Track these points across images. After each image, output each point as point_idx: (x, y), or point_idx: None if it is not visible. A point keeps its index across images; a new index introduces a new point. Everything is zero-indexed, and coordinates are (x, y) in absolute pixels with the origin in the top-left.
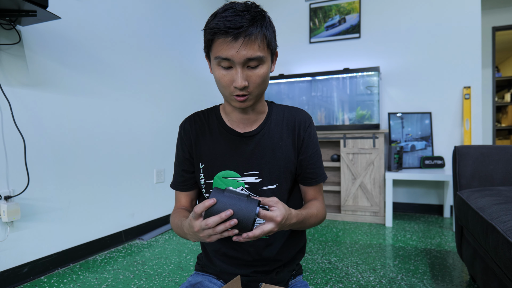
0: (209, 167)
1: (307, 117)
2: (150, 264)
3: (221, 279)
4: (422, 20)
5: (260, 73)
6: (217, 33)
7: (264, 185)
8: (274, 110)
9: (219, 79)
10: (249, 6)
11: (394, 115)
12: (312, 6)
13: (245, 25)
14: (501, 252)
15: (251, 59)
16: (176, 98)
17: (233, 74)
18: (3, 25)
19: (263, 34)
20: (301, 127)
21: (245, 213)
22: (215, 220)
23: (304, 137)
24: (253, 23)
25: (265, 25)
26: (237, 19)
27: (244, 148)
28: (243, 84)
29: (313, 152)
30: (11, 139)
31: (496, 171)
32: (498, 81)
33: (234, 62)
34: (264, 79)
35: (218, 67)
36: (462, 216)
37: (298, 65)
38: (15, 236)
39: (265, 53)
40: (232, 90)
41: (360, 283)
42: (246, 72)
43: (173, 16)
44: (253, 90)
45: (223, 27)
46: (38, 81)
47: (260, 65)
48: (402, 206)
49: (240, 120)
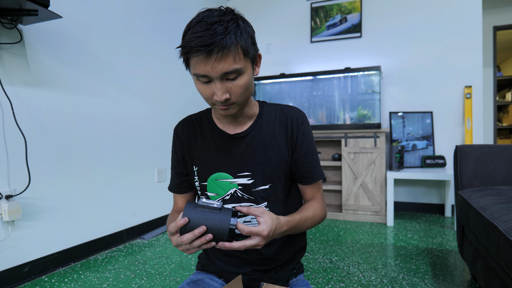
0: (202, 169)
1: (300, 114)
2: (151, 263)
3: (222, 278)
4: (423, 19)
5: (240, 84)
6: (190, 52)
7: (257, 186)
8: (265, 110)
9: (201, 92)
10: (222, 14)
11: (395, 115)
12: (313, 6)
13: (217, 40)
14: (502, 252)
15: (228, 73)
16: (177, 97)
17: (213, 87)
18: (4, 24)
19: (237, 45)
20: (293, 126)
21: (219, 226)
22: (189, 238)
23: (297, 136)
24: (225, 35)
25: (239, 33)
26: (208, 34)
27: (236, 149)
28: (223, 98)
29: (307, 151)
30: (12, 138)
31: (497, 170)
32: (499, 80)
33: (212, 77)
34: (246, 88)
35: (198, 82)
36: (464, 216)
37: (299, 64)
38: (16, 235)
39: (242, 64)
40: (214, 101)
41: (362, 283)
42: (226, 84)
43: (174, 15)
44: (236, 100)
45: (194, 45)
46: (39, 80)
47: (239, 75)
48: (404, 206)
49: (230, 122)
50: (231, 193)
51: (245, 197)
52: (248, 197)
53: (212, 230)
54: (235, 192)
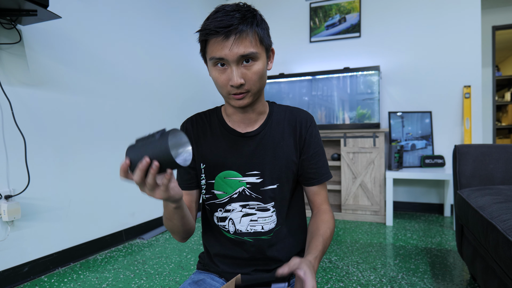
0: (210, 167)
1: (309, 117)
2: (150, 263)
3: (223, 277)
4: (422, 19)
5: (255, 70)
6: (209, 33)
7: (266, 185)
8: (275, 110)
9: (216, 80)
10: (239, 6)
11: (394, 114)
12: (312, 6)
13: (235, 23)
14: (501, 251)
15: (244, 56)
16: (177, 98)
17: (229, 73)
18: (3, 24)
19: (254, 31)
20: (302, 127)
21: (160, 151)
22: (138, 174)
23: (305, 137)
24: (243, 21)
25: (256, 23)
26: (227, 18)
27: (245, 148)
28: (239, 82)
29: (315, 152)
30: (12, 138)
31: (496, 170)
32: (498, 80)
33: (228, 60)
34: (261, 76)
35: (214, 68)
36: (463, 215)
37: (298, 64)
38: (15, 235)
39: (258, 49)
40: (229, 89)
41: (361, 282)
42: (241, 69)
43: (174, 15)
44: (251, 87)
45: (213, 27)
46: (38, 80)
47: (255, 61)
48: (403, 205)
49: (241, 120)
50: (239, 192)
51: (253, 195)
52: (256, 196)
53: (156, 157)
54: (243, 190)
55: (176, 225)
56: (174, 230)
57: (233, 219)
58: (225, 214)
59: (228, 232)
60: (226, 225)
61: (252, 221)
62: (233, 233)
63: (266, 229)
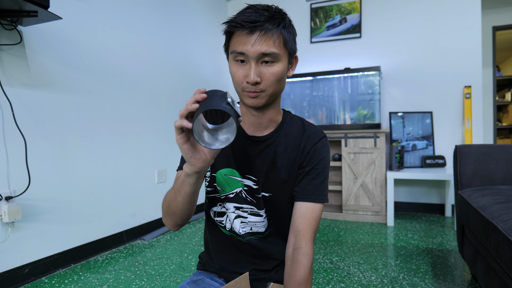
0: (215, 161)
1: (319, 132)
2: (151, 264)
3: (222, 277)
4: (422, 20)
5: (274, 71)
6: (235, 26)
7: (261, 192)
8: (288, 120)
9: (233, 74)
10: (270, 6)
11: (395, 115)
12: (313, 6)
13: (261, 20)
14: (502, 251)
15: (265, 55)
16: (177, 99)
17: (247, 69)
18: (4, 25)
19: (279, 32)
20: (308, 141)
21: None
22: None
23: (309, 151)
24: (270, 19)
25: (284, 25)
26: (256, 15)
27: (249, 151)
28: (255, 80)
29: (314, 168)
30: (12, 139)
31: (497, 170)
32: (499, 80)
33: (249, 56)
34: (279, 78)
35: (233, 62)
36: (463, 215)
37: (299, 64)
38: (16, 236)
39: (280, 51)
40: (244, 85)
41: (362, 283)
42: (260, 68)
43: (175, 16)
44: (266, 88)
45: (240, 20)
46: (39, 81)
47: (275, 62)
48: (404, 206)
49: (251, 123)
50: (236, 192)
51: (248, 199)
52: (251, 199)
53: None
54: (240, 191)
55: (179, 202)
56: (171, 208)
57: (229, 217)
58: (223, 209)
59: (225, 228)
60: (224, 220)
61: (242, 223)
62: (228, 230)
63: (255, 231)
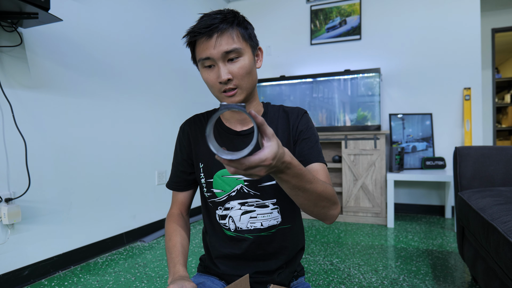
0: (208, 166)
1: (300, 110)
2: (151, 266)
3: (223, 280)
4: (422, 22)
5: (241, 65)
6: (194, 35)
7: (263, 181)
8: (269, 110)
9: (207, 80)
10: (222, 11)
11: (395, 116)
12: (313, 8)
13: (216, 22)
14: (502, 253)
15: (228, 52)
16: (178, 100)
17: (217, 71)
18: (4, 27)
19: (235, 28)
20: (294, 119)
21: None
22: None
23: (298, 126)
24: (224, 20)
25: (237, 22)
26: (210, 19)
27: (242, 146)
28: (226, 77)
29: (307, 137)
30: (12, 141)
31: (496, 171)
32: (498, 82)
33: (214, 59)
34: (248, 71)
35: (203, 69)
36: (463, 217)
37: (299, 66)
38: (15, 238)
39: (241, 45)
40: (219, 87)
41: (362, 284)
42: (228, 66)
43: (175, 18)
44: (240, 83)
45: (197, 29)
46: (39, 83)
47: (240, 57)
48: (404, 207)
49: (237, 121)
50: (237, 189)
51: (251, 193)
52: (254, 192)
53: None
54: (241, 188)
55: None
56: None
57: (233, 217)
58: (225, 212)
59: (229, 230)
60: (227, 223)
61: (252, 218)
62: (233, 230)
63: (266, 226)
